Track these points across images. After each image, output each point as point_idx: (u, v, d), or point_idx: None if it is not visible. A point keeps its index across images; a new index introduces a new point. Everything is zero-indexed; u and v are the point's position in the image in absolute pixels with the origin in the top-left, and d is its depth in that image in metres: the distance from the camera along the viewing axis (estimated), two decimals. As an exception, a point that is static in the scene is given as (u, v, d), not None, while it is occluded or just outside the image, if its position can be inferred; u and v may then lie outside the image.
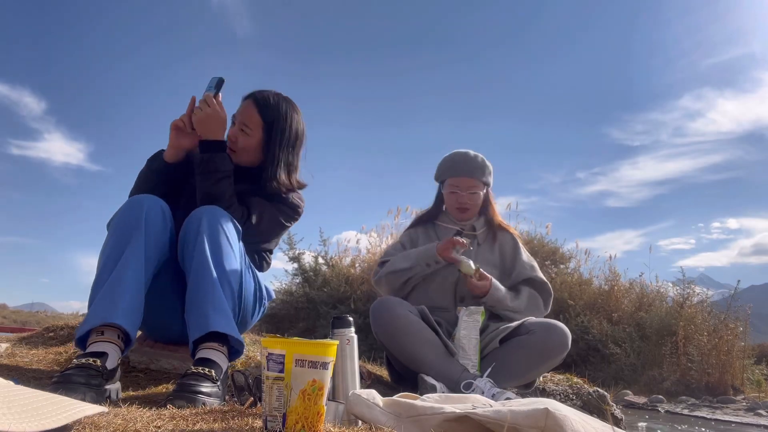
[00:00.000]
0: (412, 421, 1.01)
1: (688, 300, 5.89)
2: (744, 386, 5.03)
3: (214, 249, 1.41)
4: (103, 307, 1.27)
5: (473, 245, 2.16)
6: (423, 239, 2.22)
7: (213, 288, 1.37)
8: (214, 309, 1.34)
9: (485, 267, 2.08)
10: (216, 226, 1.44)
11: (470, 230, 2.20)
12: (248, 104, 1.70)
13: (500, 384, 1.74)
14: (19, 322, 15.83)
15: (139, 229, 1.37)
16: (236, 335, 1.37)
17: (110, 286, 1.30)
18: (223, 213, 1.49)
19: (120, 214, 1.41)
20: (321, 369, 0.87)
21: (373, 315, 1.90)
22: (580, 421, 0.96)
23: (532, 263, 2.19)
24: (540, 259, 6.80)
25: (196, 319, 1.35)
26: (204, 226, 1.42)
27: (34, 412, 0.71)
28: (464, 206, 2.16)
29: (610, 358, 5.56)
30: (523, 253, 2.20)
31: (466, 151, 2.20)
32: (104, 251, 1.38)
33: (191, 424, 0.92)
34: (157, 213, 1.42)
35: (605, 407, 2.26)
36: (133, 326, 1.30)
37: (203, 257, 1.39)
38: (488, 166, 2.19)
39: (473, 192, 2.14)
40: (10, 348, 2.04)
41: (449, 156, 2.22)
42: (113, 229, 1.40)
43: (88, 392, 1.13)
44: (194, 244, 1.41)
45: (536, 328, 1.90)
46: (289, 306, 7.25)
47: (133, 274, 1.32)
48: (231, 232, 1.48)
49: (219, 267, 1.40)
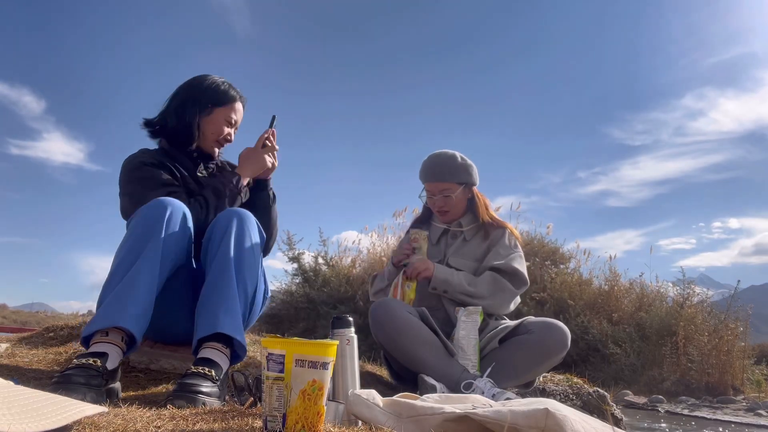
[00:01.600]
0: (412, 421, 1.01)
1: (688, 300, 5.89)
2: (744, 386, 5.03)
3: (238, 251, 1.43)
4: (113, 310, 1.26)
5: (458, 241, 2.18)
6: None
7: (229, 290, 1.38)
8: (225, 311, 1.35)
9: (466, 262, 2.10)
10: (243, 229, 1.47)
11: (457, 227, 2.22)
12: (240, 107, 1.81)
13: (500, 384, 1.74)
14: (19, 322, 15.84)
15: (158, 231, 1.36)
16: (242, 340, 1.37)
17: (122, 289, 1.29)
18: (251, 218, 1.51)
19: (142, 213, 1.40)
20: (321, 369, 0.87)
21: (373, 316, 1.90)
22: (580, 421, 0.96)
23: (510, 254, 2.11)
24: (540, 259, 6.80)
25: (206, 317, 1.35)
26: (232, 228, 1.44)
27: (34, 413, 0.71)
28: (440, 210, 2.18)
29: (610, 358, 5.56)
30: (505, 242, 2.15)
31: (439, 153, 2.18)
32: (120, 250, 1.37)
33: (191, 424, 0.92)
34: (179, 217, 1.41)
35: (605, 407, 2.26)
36: (140, 331, 1.29)
37: (226, 258, 1.41)
38: (462, 164, 2.15)
39: (446, 195, 2.14)
40: (10, 348, 2.04)
41: (424, 160, 2.21)
42: (132, 228, 1.39)
43: (88, 392, 1.13)
44: (219, 243, 1.43)
45: (535, 327, 1.90)
46: (289, 306, 7.26)
47: (147, 278, 1.32)
48: (256, 238, 1.51)
49: (239, 270, 1.42)
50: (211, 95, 1.75)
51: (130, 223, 1.43)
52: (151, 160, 1.65)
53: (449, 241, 2.20)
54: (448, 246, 2.19)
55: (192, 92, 1.75)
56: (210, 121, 1.75)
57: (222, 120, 1.76)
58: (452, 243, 2.19)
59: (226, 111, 1.77)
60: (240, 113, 1.82)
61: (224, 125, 1.77)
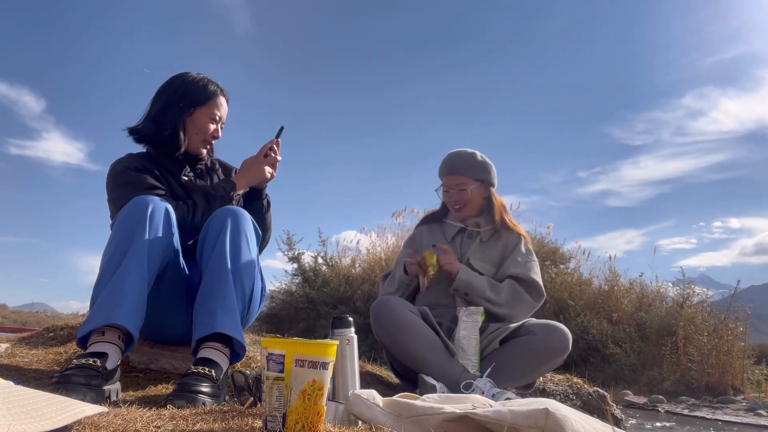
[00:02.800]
0: (412, 421, 1.01)
1: (688, 300, 5.89)
2: (744, 386, 5.03)
3: (233, 250, 1.43)
4: (105, 309, 1.27)
5: (476, 242, 2.16)
6: (427, 236, 2.24)
7: (226, 288, 1.38)
8: (223, 310, 1.35)
9: (486, 265, 2.08)
10: (239, 227, 1.46)
11: (474, 227, 2.20)
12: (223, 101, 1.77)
13: (500, 384, 1.74)
14: (19, 322, 15.83)
15: (142, 230, 1.36)
16: (241, 339, 1.37)
17: (112, 287, 1.29)
18: (246, 216, 1.51)
19: (124, 213, 1.40)
20: (321, 369, 0.87)
21: (374, 315, 1.90)
22: (580, 421, 0.96)
23: (527, 262, 2.13)
24: (540, 259, 6.79)
25: (204, 317, 1.35)
26: (227, 226, 1.44)
27: (33, 413, 0.71)
28: (455, 204, 2.18)
29: (610, 358, 5.56)
30: (521, 250, 2.16)
31: (460, 150, 2.22)
32: (107, 251, 1.37)
33: (191, 424, 0.92)
34: (161, 214, 1.41)
35: (605, 407, 2.26)
36: (135, 327, 1.30)
37: (222, 256, 1.41)
38: (482, 162, 2.18)
39: (462, 189, 2.15)
40: (10, 348, 2.04)
41: (444, 157, 2.24)
42: (116, 229, 1.39)
43: (88, 392, 1.13)
44: (215, 242, 1.42)
45: (537, 329, 1.90)
46: (289, 306, 7.26)
47: (136, 275, 1.32)
48: (251, 236, 1.50)
49: (235, 268, 1.42)
50: (191, 95, 1.70)
51: (114, 224, 1.42)
52: (135, 164, 1.63)
53: (465, 240, 2.18)
54: (464, 245, 2.17)
55: (170, 95, 1.70)
56: (193, 121, 1.70)
57: (205, 118, 1.72)
58: (469, 243, 2.17)
59: (209, 109, 1.71)
60: (224, 108, 1.77)
61: (209, 123, 1.72)
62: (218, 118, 1.75)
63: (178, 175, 1.72)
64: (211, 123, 1.73)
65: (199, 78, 1.73)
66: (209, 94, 1.72)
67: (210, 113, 1.72)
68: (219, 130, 1.77)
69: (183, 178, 1.72)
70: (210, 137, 1.74)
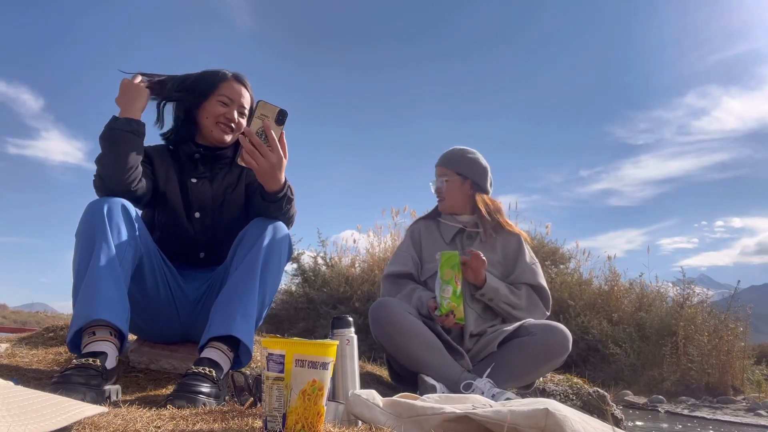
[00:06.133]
0: (412, 422, 1.01)
1: (688, 300, 5.89)
2: (744, 386, 5.03)
3: (266, 261, 1.45)
4: (83, 307, 1.26)
5: (476, 243, 2.16)
6: (424, 233, 2.25)
7: (250, 297, 1.39)
8: (242, 316, 1.36)
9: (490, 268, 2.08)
10: (274, 241, 1.48)
11: (473, 227, 2.20)
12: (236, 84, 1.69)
13: (500, 384, 1.74)
14: (19, 322, 15.83)
15: (102, 230, 1.34)
16: (251, 347, 1.39)
17: (86, 290, 1.28)
18: (284, 230, 1.53)
19: (82, 220, 1.39)
20: (321, 369, 0.87)
21: (372, 316, 1.90)
22: (580, 422, 0.96)
23: (534, 267, 2.16)
24: (540, 259, 6.78)
25: (223, 318, 1.36)
26: (265, 238, 1.46)
27: (33, 414, 0.71)
28: (436, 194, 2.24)
29: (610, 358, 5.56)
30: (527, 255, 2.18)
31: (455, 147, 2.27)
32: (75, 260, 1.36)
33: (191, 425, 0.92)
34: (119, 211, 1.39)
35: (605, 407, 2.26)
36: (120, 320, 1.29)
37: (254, 265, 1.42)
38: (469, 159, 2.19)
39: (445, 179, 2.20)
40: (10, 348, 2.03)
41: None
42: (78, 237, 1.38)
43: (87, 392, 1.13)
44: (249, 249, 1.44)
45: (537, 329, 1.90)
46: (289, 306, 7.25)
47: (108, 273, 1.30)
48: (285, 253, 1.52)
49: (263, 280, 1.44)
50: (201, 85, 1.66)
51: (76, 233, 1.40)
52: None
53: (465, 241, 2.18)
54: (464, 246, 2.16)
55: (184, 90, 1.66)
56: (204, 108, 1.66)
57: (215, 102, 1.66)
58: (469, 244, 2.16)
59: (218, 92, 1.66)
60: (236, 92, 1.67)
61: (218, 106, 1.65)
62: (230, 101, 1.67)
63: (188, 176, 1.67)
64: (221, 106, 1.66)
65: (210, 70, 1.70)
66: (219, 78, 1.68)
67: (220, 97, 1.66)
68: (234, 113, 1.67)
69: (192, 180, 1.66)
70: (223, 119, 1.66)
